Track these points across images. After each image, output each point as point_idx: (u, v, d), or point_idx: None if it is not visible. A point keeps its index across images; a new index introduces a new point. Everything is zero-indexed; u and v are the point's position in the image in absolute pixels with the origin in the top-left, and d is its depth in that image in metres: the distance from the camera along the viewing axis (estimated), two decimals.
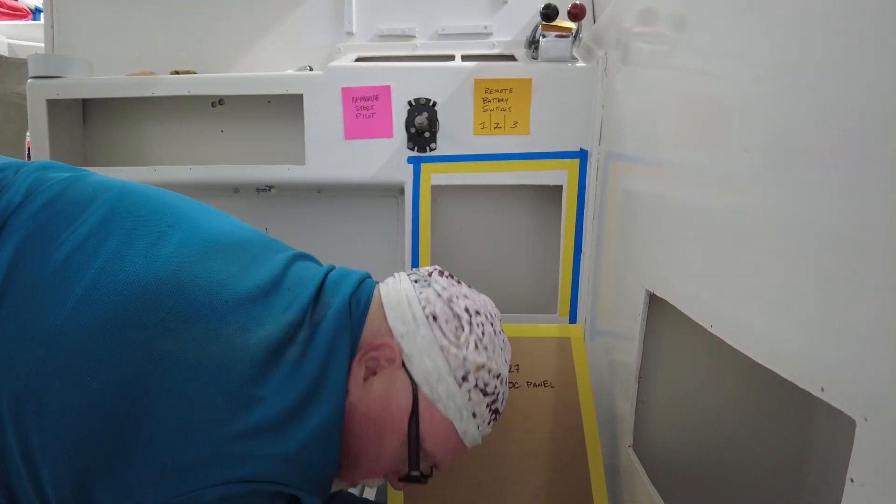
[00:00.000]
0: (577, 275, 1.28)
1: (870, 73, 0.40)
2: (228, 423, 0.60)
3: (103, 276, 0.61)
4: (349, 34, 1.45)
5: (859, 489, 0.40)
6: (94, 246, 0.63)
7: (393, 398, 0.70)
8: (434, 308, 0.73)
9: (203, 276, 0.65)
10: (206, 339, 0.62)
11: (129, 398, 0.59)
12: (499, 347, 0.76)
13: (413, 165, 1.28)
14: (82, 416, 0.58)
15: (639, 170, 0.97)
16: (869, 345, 0.39)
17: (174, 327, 0.61)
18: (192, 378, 0.60)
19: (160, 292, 0.62)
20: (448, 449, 0.74)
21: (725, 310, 0.62)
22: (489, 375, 0.73)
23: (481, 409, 0.73)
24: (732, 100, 0.62)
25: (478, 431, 0.74)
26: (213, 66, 1.43)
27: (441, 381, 0.70)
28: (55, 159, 1.33)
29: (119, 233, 0.65)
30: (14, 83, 1.89)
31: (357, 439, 0.70)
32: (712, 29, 0.68)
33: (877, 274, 0.39)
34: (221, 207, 1.45)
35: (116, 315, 0.60)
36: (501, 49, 1.42)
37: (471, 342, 0.72)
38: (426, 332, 0.72)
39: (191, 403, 0.60)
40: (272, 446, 0.61)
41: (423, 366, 0.71)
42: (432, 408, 0.71)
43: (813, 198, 0.47)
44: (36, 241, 0.62)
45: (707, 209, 0.67)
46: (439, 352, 0.71)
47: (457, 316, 0.73)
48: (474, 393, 0.72)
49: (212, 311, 0.63)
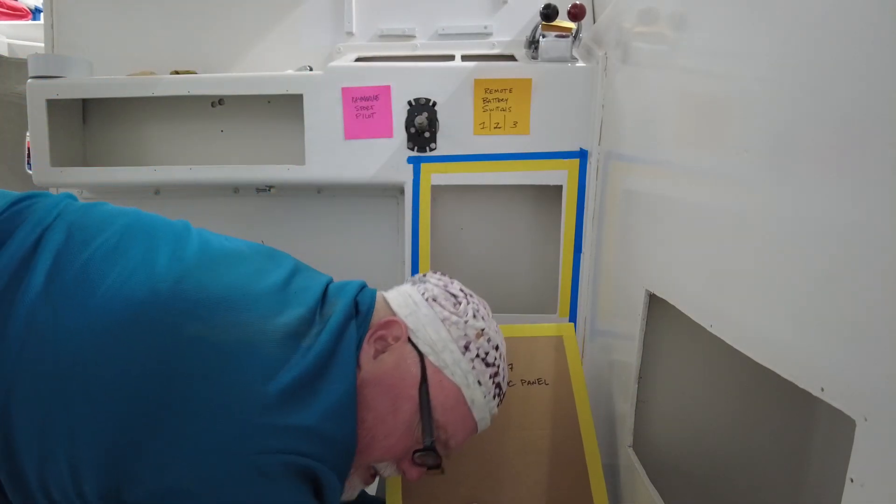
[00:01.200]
0: (576, 275, 1.28)
1: (870, 73, 0.40)
2: (253, 399, 0.64)
3: (136, 274, 0.69)
4: (349, 34, 1.45)
5: (859, 489, 0.40)
6: (124, 248, 0.72)
7: (403, 368, 0.76)
8: (433, 293, 0.82)
9: (222, 275, 0.73)
10: (229, 324, 0.67)
11: (165, 378, 0.63)
12: (494, 324, 0.83)
13: (413, 165, 1.28)
14: (123, 395, 0.62)
15: (639, 170, 0.97)
16: (869, 345, 0.39)
17: (201, 314, 0.67)
18: (220, 357, 0.65)
19: (186, 287, 0.69)
20: (458, 418, 0.77)
21: (725, 310, 0.62)
22: (489, 345, 0.79)
23: (485, 379, 0.78)
24: (732, 100, 0.62)
25: (484, 402, 0.78)
26: (213, 66, 1.43)
27: (445, 348, 0.77)
28: (55, 159, 1.33)
29: (144, 239, 0.74)
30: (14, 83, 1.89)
31: (372, 411, 0.74)
32: (712, 29, 0.68)
33: (877, 274, 0.39)
34: (221, 207, 1.47)
35: (148, 305, 0.66)
36: (501, 49, 1.42)
37: (469, 311, 0.80)
38: (427, 310, 0.79)
39: (219, 381, 0.64)
40: (294, 417, 0.64)
41: (427, 337, 0.77)
42: (440, 374, 0.76)
43: (813, 198, 0.47)
44: (71, 247, 0.70)
45: (707, 209, 0.67)
46: (441, 324, 0.78)
47: (453, 295, 0.82)
48: (477, 362, 0.78)
49: (233, 302, 0.70)
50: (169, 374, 0.63)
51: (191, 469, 0.61)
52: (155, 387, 0.63)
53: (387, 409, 0.74)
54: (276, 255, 0.86)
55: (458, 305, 0.80)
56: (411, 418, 0.75)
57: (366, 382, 0.74)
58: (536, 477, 0.94)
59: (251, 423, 0.63)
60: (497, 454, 0.95)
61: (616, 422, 1.00)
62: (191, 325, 0.66)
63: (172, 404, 0.62)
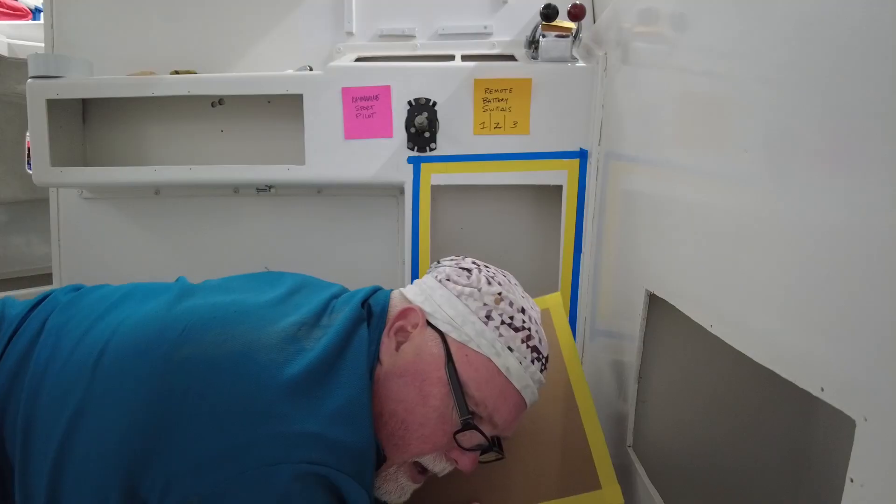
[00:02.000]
0: (577, 275, 1.28)
1: (870, 73, 0.40)
2: (252, 410, 0.62)
3: (127, 320, 0.72)
4: (349, 34, 1.45)
5: (859, 489, 0.40)
6: (116, 304, 0.77)
7: (425, 351, 0.73)
8: (444, 273, 0.79)
9: (213, 299, 0.75)
10: (222, 339, 0.67)
11: (163, 401, 0.63)
12: (519, 293, 0.79)
13: (413, 165, 1.28)
14: (127, 421, 0.63)
15: (639, 170, 0.97)
16: (869, 345, 0.39)
17: (191, 337, 0.67)
18: (213, 371, 0.64)
19: (177, 318, 0.70)
20: (496, 390, 0.73)
21: (725, 310, 0.62)
22: (512, 308, 0.76)
23: (517, 344, 0.74)
24: (732, 100, 0.62)
25: (521, 368, 0.74)
26: (213, 66, 1.43)
27: (465, 322, 0.74)
28: (55, 159, 1.33)
29: (139, 296, 0.79)
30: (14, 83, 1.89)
31: (401, 403, 0.72)
32: (712, 29, 0.68)
33: (877, 273, 0.39)
34: (221, 207, 1.48)
35: (140, 341, 0.68)
36: (501, 49, 1.42)
37: (482, 279, 0.77)
38: (441, 290, 0.77)
39: (216, 396, 0.63)
40: (298, 425, 0.63)
41: (445, 316, 0.75)
42: (465, 348, 0.73)
43: (813, 197, 0.47)
44: (71, 320, 0.74)
45: (707, 209, 0.67)
46: (457, 299, 0.75)
47: (466, 269, 0.79)
48: (503, 329, 0.74)
49: (223, 319, 0.70)
50: (167, 396, 0.63)
51: (197, 487, 0.60)
52: (155, 415, 0.63)
53: (415, 398, 0.71)
54: (278, 276, 0.86)
55: (469, 277, 0.77)
56: (443, 402, 0.71)
57: (389, 375, 0.72)
58: (534, 463, 0.90)
59: (253, 435, 0.61)
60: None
61: (616, 422, 1.00)
62: (183, 348, 0.66)
63: (174, 427, 0.62)
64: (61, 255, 1.51)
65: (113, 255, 1.50)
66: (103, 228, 1.49)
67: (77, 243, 1.51)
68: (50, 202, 1.51)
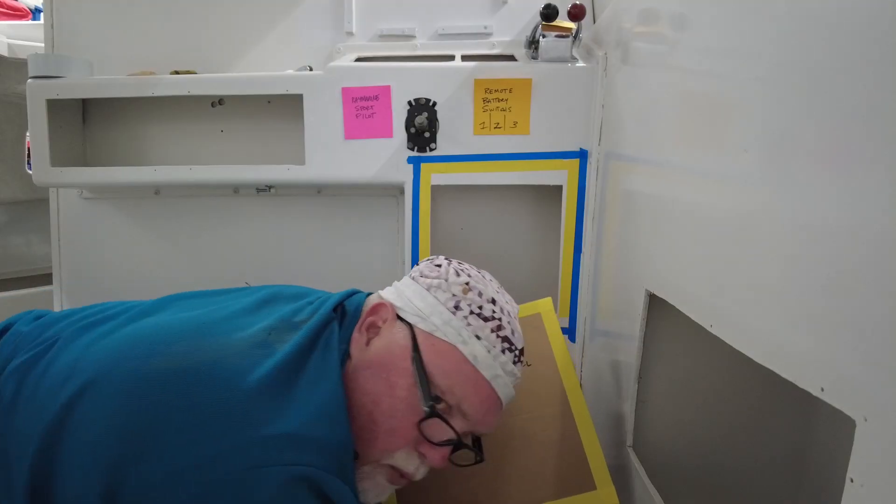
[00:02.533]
0: (577, 275, 1.28)
1: (869, 72, 0.40)
2: (224, 415, 0.62)
3: (96, 343, 0.72)
4: (349, 34, 1.45)
5: (859, 489, 0.40)
6: (85, 328, 0.76)
7: (392, 343, 0.74)
8: (419, 270, 0.82)
9: (179, 317, 0.75)
10: (191, 350, 0.67)
11: (135, 416, 0.63)
12: (486, 278, 0.81)
13: (413, 165, 1.28)
14: (102, 439, 0.63)
15: (639, 170, 0.97)
16: (869, 345, 0.39)
17: (159, 350, 0.67)
18: (185, 382, 0.64)
19: (145, 334, 0.70)
20: (464, 378, 0.73)
21: (725, 310, 0.62)
22: (481, 299, 0.76)
23: (485, 333, 0.74)
24: (732, 100, 0.62)
25: (490, 356, 0.73)
26: (213, 66, 1.43)
27: (434, 312, 0.75)
28: (55, 159, 1.33)
29: (104, 318, 0.78)
30: (14, 83, 1.89)
31: (368, 394, 0.72)
32: (712, 29, 0.68)
33: (877, 273, 0.39)
34: (221, 207, 1.48)
35: (109, 358, 0.67)
36: (501, 49, 1.42)
37: (450, 271, 0.78)
38: (412, 285, 0.79)
39: (189, 405, 0.62)
40: (272, 427, 0.62)
41: (414, 308, 0.76)
42: (431, 337, 0.74)
43: (813, 198, 0.47)
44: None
45: (707, 209, 0.67)
46: (426, 292, 0.77)
47: (437, 265, 0.81)
48: (472, 318, 0.75)
49: (192, 331, 0.70)
50: (139, 411, 0.62)
51: (175, 498, 0.59)
52: (129, 430, 0.62)
53: (382, 389, 0.71)
54: (253, 289, 0.85)
55: (438, 270, 0.79)
56: (410, 392, 0.71)
57: (358, 368, 0.73)
58: (527, 464, 0.90)
59: (229, 442, 0.61)
60: (486, 446, 0.92)
61: (616, 422, 1.00)
62: (152, 362, 0.65)
63: (149, 440, 0.61)
64: (61, 255, 1.51)
65: (113, 255, 1.50)
66: (103, 228, 1.49)
67: (77, 243, 1.50)
68: (50, 202, 1.51)
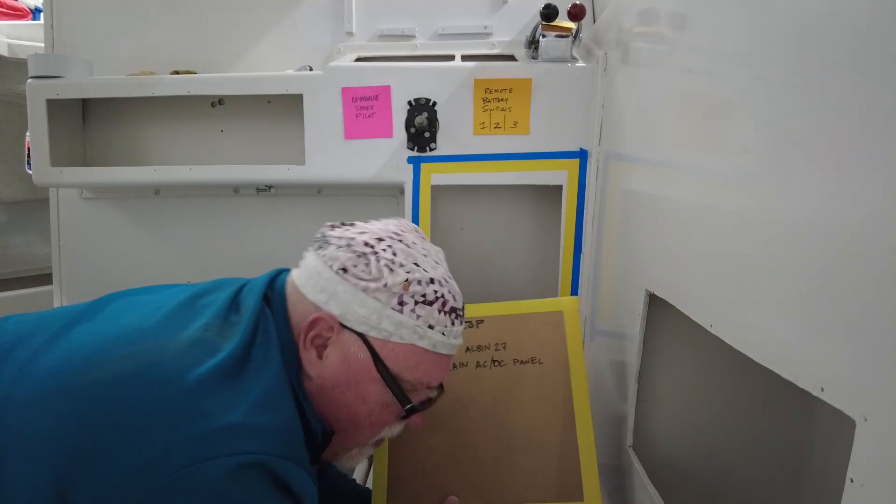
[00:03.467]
0: (577, 275, 1.28)
1: (869, 72, 0.40)
2: (167, 413, 0.62)
3: (32, 364, 0.69)
4: (349, 34, 1.45)
5: (859, 489, 0.40)
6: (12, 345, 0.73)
7: (350, 357, 0.74)
8: (339, 261, 0.74)
9: (111, 326, 0.73)
10: (127, 357, 0.67)
11: (79, 431, 0.62)
12: (419, 255, 0.76)
13: (413, 165, 1.28)
14: (49, 459, 0.62)
15: (639, 170, 0.97)
16: (869, 345, 0.39)
17: (98, 362, 0.66)
18: (124, 388, 0.64)
19: (78, 349, 0.69)
20: (427, 366, 0.76)
21: (725, 310, 0.62)
22: (421, 286, 0.74)
23: (435, 317, 0.75)
24: (732, 100, 0.62)
25: (445, 338, 0.76)
26: (213, 66, 1.43)
27: (381, 318, 0.73)
28: (55, 159, 1.33)
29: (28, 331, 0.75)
30: (14, 83, 1.89)
31: (343, 408, 0.75)
32: (712, 29, 0.68)
33: (876, 274, 0.39)
34: (221, 207, 1.48)
35: (46, 379, 0.66)
36: (501, 49, 1.42)
37: (383, 270, 0.73)
38: (344, 286, 0.73)
39: (130, 409, 0.62)
40: (219, 420, 0.62)
41: (358, 316, 0.73)
42: (389, 343, 0.74)
43: (812, 197, 0.47)
44: None
45: (707, 209, 0.67)
46: (364, 295, 0.73)
47: (360, 255, 0.74)
48: (419, 308, 0.73)
49: (127, 338, 0.70)
50: (82, 425, 0.62)
51: (126, 501, 0.59)
52: (75, 445, 0.62)
53: (355, 401, 0.75)
54: (189, 286, 0.84)
55: (370, 269, 0.73)
56: (382, 394, 0.75)
57: (323, 389, 0.74)
58: (522, 463, 0.90)
59: (174, 438, 0.61)
60: (481, 434, 0.93)
61: (616, 422, 1.00)
62: (90, 375, 0.65)
63: (95, 451, 0.61)
64: (61, 255, 1.51)
65: (113, 255, 1.50)
66: (103, 228, 1.49)
67: (77, 243, 1.51)
68: (50, 202, 1.51)
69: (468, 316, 1.00)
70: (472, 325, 1.01)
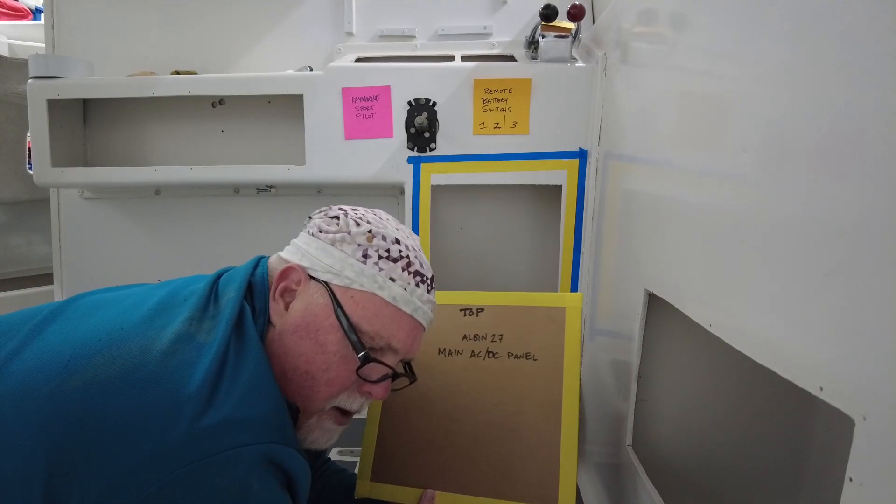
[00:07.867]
0: (576, 275, 1.28)
1: (869, 72, 0.40)
2: (159, 416, 0.61)
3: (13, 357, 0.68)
4: (349, 34, 1.45)
5: (858, 489, 0.40)
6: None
7: (312, 304, 0.75)
8: (316, 225, 0.80)
9: (88, 326, 0.70)
10: (111, 358, 0.65)
11: (60, 438, 0.60)
12: (390, 226, 0.81)
13: (413, 165, 1.28)
14: (28, 467, 0.60)
15: (638, 170, 0.97)
16: (868, 344, 0.39)
17: (78, 366, 0.64)
18: (111, 392, 0.62)
19: (57, 352, 0.67)
20: (387, 320, 0.76)
21: (725, 310, 0.62)
22: (386, 242, 0.77)
23: (398, 273, 0.77)
24: (732, 100, 0.62)
25: (407, 293, 0.77)
26: (213, 66, 1.43)
27: (345, 266, 0.76)
28: (56, 159, 1.33)
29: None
30: (14, 83, 1.89)
31: (300, 356, 0.74)
32: (712, 29, 0.68)
33: (876, 273, 0.39)
34: (221, 207, 1.48)
35: (21, 384, 0.64)
36: (501, 49, 1.42)
37: (350, 222, 0.78)
38: (315, 243, 0.78)
39: (119, 413, 0.61)
40: (210, 417, 0.62)
41: (324, 265, 0.76)
42: (349, 290, 0.75)
43: (812, 197, 0.47)
44: None
45: (706, 209, 0.68)
46: (332, 247, 0.77)
47: (333, 217, 0.80)
48: (382, 263, 0.76)
49: (108, 339, 0.67)
50: (65, 432, 0.60)
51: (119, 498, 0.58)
52: (56, 453, 0.60)
53: (313, 348, 0.74)
54: (168, 282, 0.83)
55: (338, 223, 0.78)
56: (341, 344, 0.74)
57: (283, 334, 0.74)
58: (502, 452, 0.89)
59: (167, 439, 0.60)
60: (465, 424, 0.92)
61: (616, 421, 1.00)
62: (72, 380, 0.63)
63: (81, 457, 0.59)
64: (62, 255, 1.51)
65: (113, 255, 1.50)
66: (103, 228, 1.50)
67: (77, 243, 1.51)
68: (50, 202, 1.51)
69: (469, 303, 1.01)
70: (471, 313, 1.01)
